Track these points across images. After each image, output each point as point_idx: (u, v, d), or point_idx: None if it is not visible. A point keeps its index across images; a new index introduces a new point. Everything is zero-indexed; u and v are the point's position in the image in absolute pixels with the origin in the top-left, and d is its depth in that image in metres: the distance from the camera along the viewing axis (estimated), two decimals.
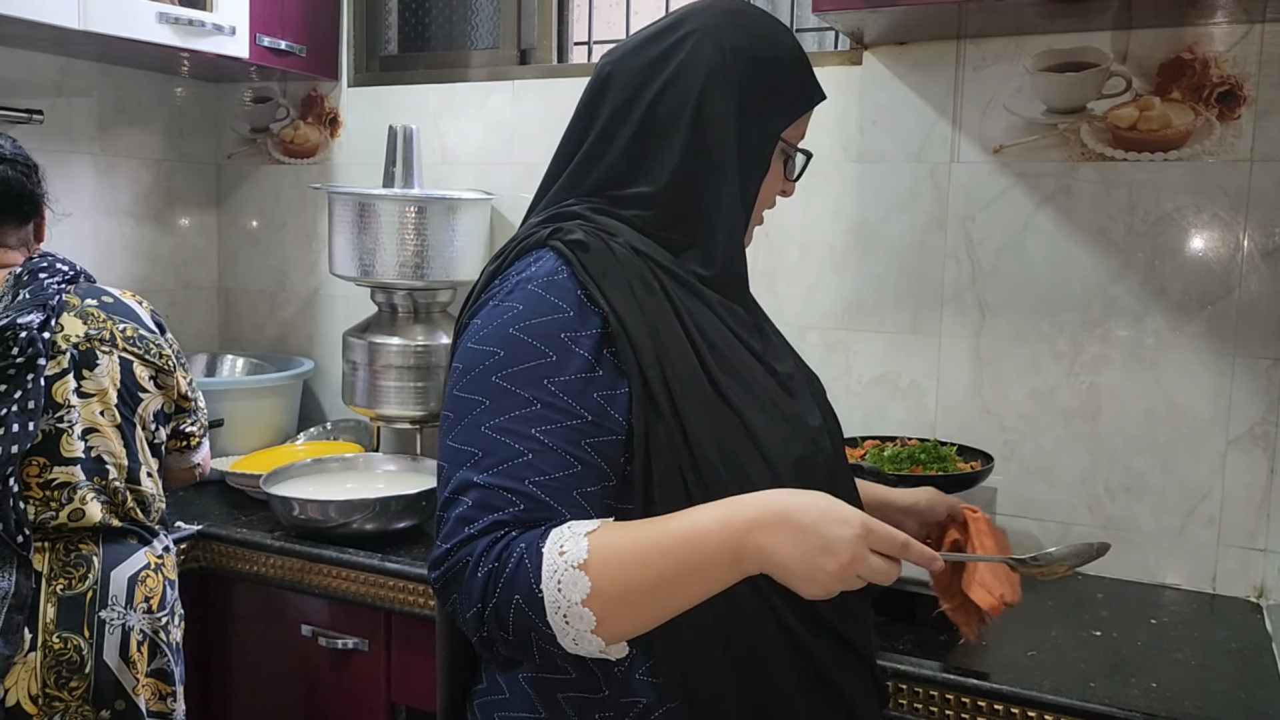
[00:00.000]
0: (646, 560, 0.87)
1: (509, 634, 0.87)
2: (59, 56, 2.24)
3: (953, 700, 1.34)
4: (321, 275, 2.52)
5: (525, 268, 1.00)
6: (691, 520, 0.89)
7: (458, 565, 0.89)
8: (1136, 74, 1.74)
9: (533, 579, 0.86)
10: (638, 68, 1.05)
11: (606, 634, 0.87)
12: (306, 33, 2.34)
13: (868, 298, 1.96)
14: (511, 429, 0.92)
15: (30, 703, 1.41)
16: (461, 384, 0.95)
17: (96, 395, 1.52)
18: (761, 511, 0.88)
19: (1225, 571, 1.72)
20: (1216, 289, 1.71)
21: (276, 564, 1.83)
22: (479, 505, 0.90)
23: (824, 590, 0.88)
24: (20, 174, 1.57)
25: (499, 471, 0.90)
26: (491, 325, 0.96)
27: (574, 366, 0.94)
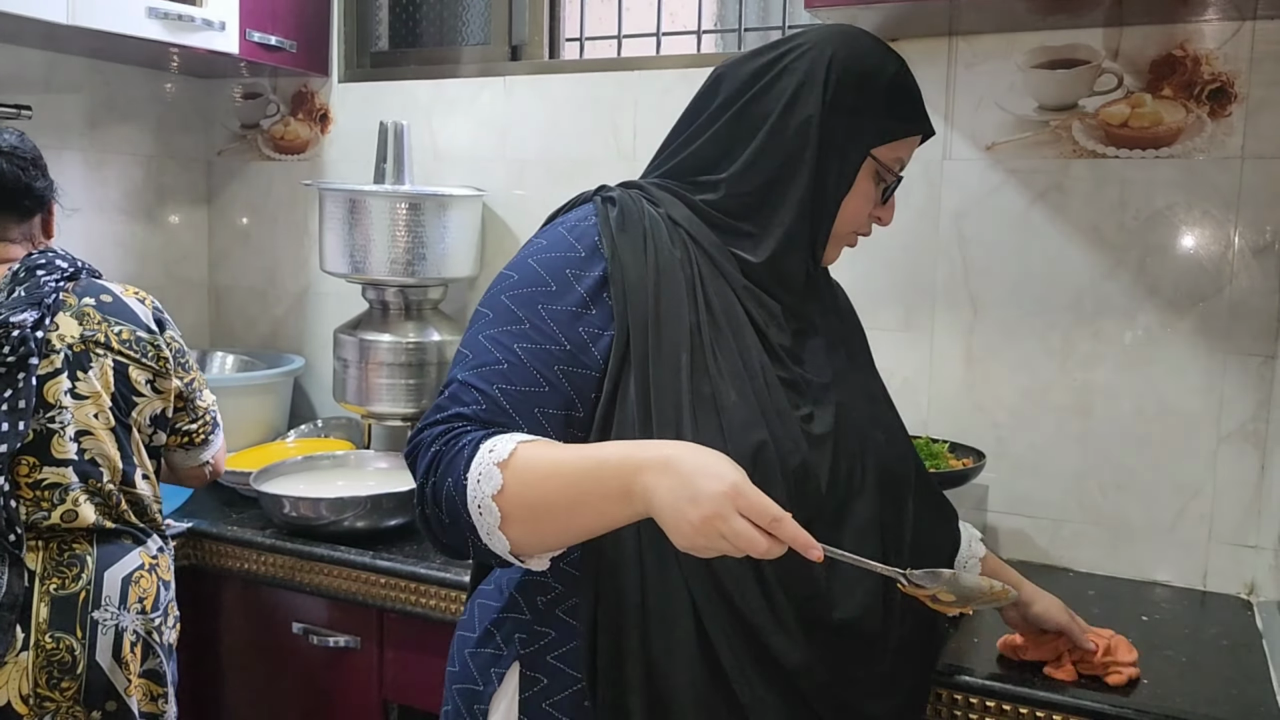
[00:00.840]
0: (554, 475, 0.93)
1: (443, 514, 0.96)
2: (48, 52, 2.23)
3: (944, 697, 1.34)
4: (312, 272, 2.51)
5: (567, 216, 1.12)
6: (598, 450, 0.94)
7: (421, 443, 0.99)
8: (1128, 71, 1.74)
9: (463, 467, 0.94)
10: (745, 73, 1.11)
11: (511, 534, 0.93)
12: (297, 28, 2.33)
13: (861, 295, 1.93)
14: (499, 340, 1.02)
15: (21, 703, 1.40)
16: (484, 299, 1.07)
17: (90, 398, 1.50)
18: (652, 454, 0.90)
19: (1216, 568, 1.73)
20: (1208, 286, 1.71)
21: (267, 562, 1.82)
22: (451, 397, 1.01)
23: (688, 541, 0.87)
24: (17, 167, 1.55)
25: (476, 373, 1.01)
26: (520, 256, 1.09)
27: (570, 299, 1.03)
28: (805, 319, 1.15)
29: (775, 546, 0.87)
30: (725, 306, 1.06)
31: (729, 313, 1.06)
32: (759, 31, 2.21)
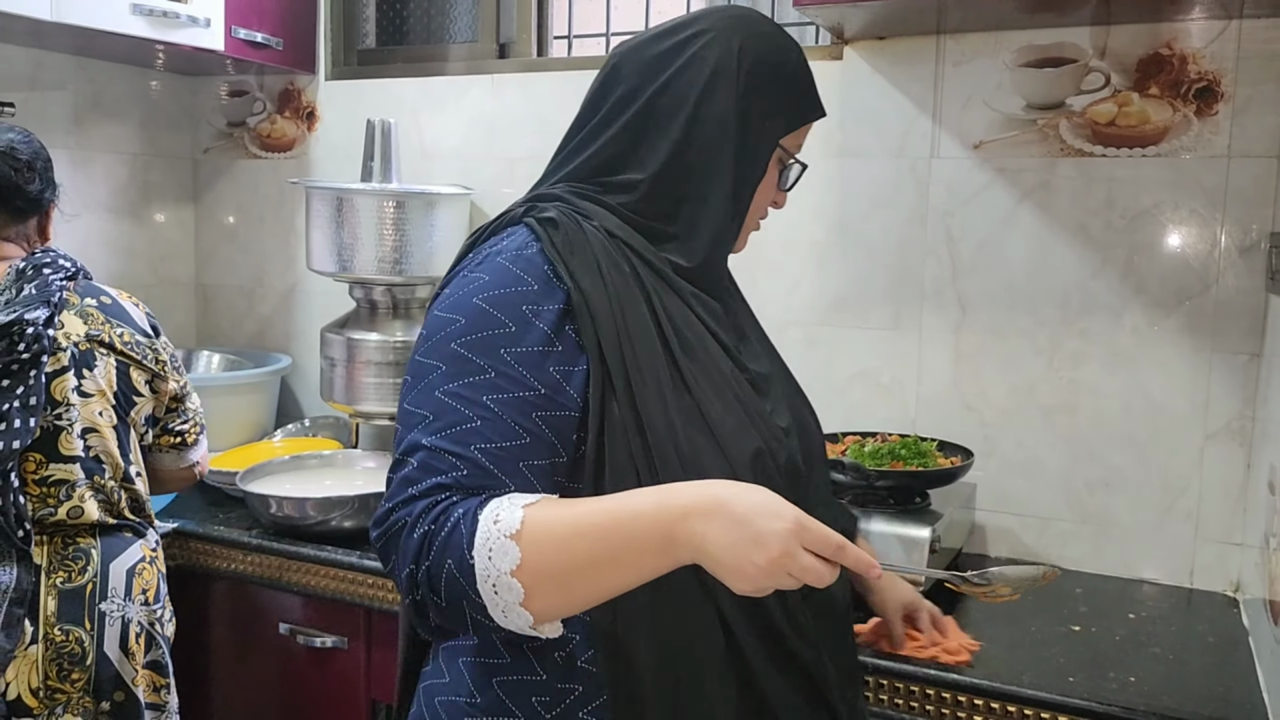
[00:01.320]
0: (578, 536, 0.86)
1: (441, 599, 0.87)
2: (32, 49, 2.21)
3: (933, 695, 1.34)
4: (299, 271, 2.50)
5: (498, 242, 1.02)
6: (627, 501, 0.88)
7: (396, 525, 0.89)
8: (1115, 70, 1.74)
9: (465, 545, 0.85)
10: (646, 60, 1.06)
11: (535, 608, 0.85)
12: (283, 25, 2.32)
13: (849, 294, 1.96)
14: (463, 395, 0.92)
15: (31, 696, 1.42)
16: (423, 349, 0.97)
17: (96, 395, 1.52)
18: (697, 498, 0.85)
19: (1202, 566, 1.73)
20: (1194, 284, 1.72)
21: (254, 562, 1.81)
22: (423, 467, 0.90)
23: (753, 585, 0.85)
24: (9, 168, 1.55)
25: (446, 435, 0.91)
26: (458, 294, 0.98)
27: (532, 339, 0.95)
28: (733, 314, 1.14)
29: (834, 572, 0.86)
30: (683, 317, 1.03)
31: (688, 322, 1.03)
32: None
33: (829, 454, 1.69)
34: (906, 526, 1.51)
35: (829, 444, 1.78)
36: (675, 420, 0.96)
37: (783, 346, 1.99)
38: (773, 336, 2.05)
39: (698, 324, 1.04)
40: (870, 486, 1.61)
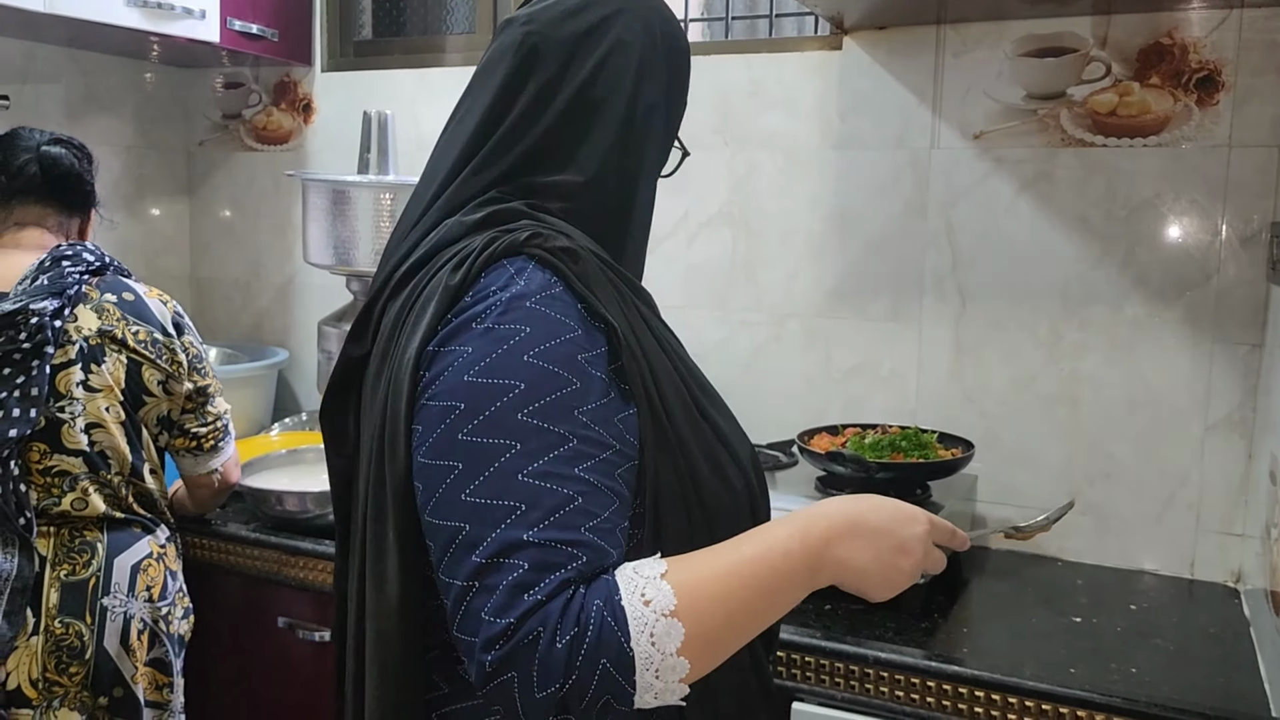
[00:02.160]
0: (731, 592, 0.81)
1: (583, 703, 0.76)
2: (25, 41, 2.20)
3: (934, 687, 1.34)
4: (296, 264, 2.49)
5: (508, 282, 0.86)
6: (766, 542, 0.84)
7: (527, 638, 0.75)
8: (1116, 59, 1.74)
9: (622, 638, 0.76)
10: (565, 39, 0.96)
11: (694, 676, 0.79)
12: (279, 17, 2.30)
13: (848, 286, 1.95)
14: (555, 472, 0.80)
15: (30, 687, 1.43)
16: (472, 426, 0.81)
17: (102, 391, 1.52)
18: (833, 522, 0.85)
19: (1203, 557, 1.73)
20: (1195, 275, 1.71)
21: (253, 556, 1.80)
22: (537, 567, 0.77)
23: (897, 590, 0.88)
24: (74, 158, 1.62)
25: (553, 524, 0.79)
26: (495, 354, 0.83)
27: (597, 392, 0.85)
28: None
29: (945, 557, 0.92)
30: (664, 334, 0.98)
31: (671, 340, 0.98)
32: (746, 20, 2.19)
33: (829, 446, 1.69)
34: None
35: (829, 435, 1.78)
36: (704, 447, 0.94)
37: (782, 338, 2.00)
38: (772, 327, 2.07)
39: (674, 339, 1.00)
40: (871, 479, 1.61)
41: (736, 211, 2.03)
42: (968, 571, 1.73)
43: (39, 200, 1.61)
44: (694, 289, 2.08)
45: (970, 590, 1.65)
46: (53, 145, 1.61)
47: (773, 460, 1.83)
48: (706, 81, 2.04)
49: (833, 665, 1.38)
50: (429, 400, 0.84)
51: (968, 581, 1.69)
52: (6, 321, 1.42)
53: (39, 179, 1.59)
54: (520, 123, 0.95)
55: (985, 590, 1.66)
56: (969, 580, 1.69)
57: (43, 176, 1.59)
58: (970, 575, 1.72)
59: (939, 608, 1.54)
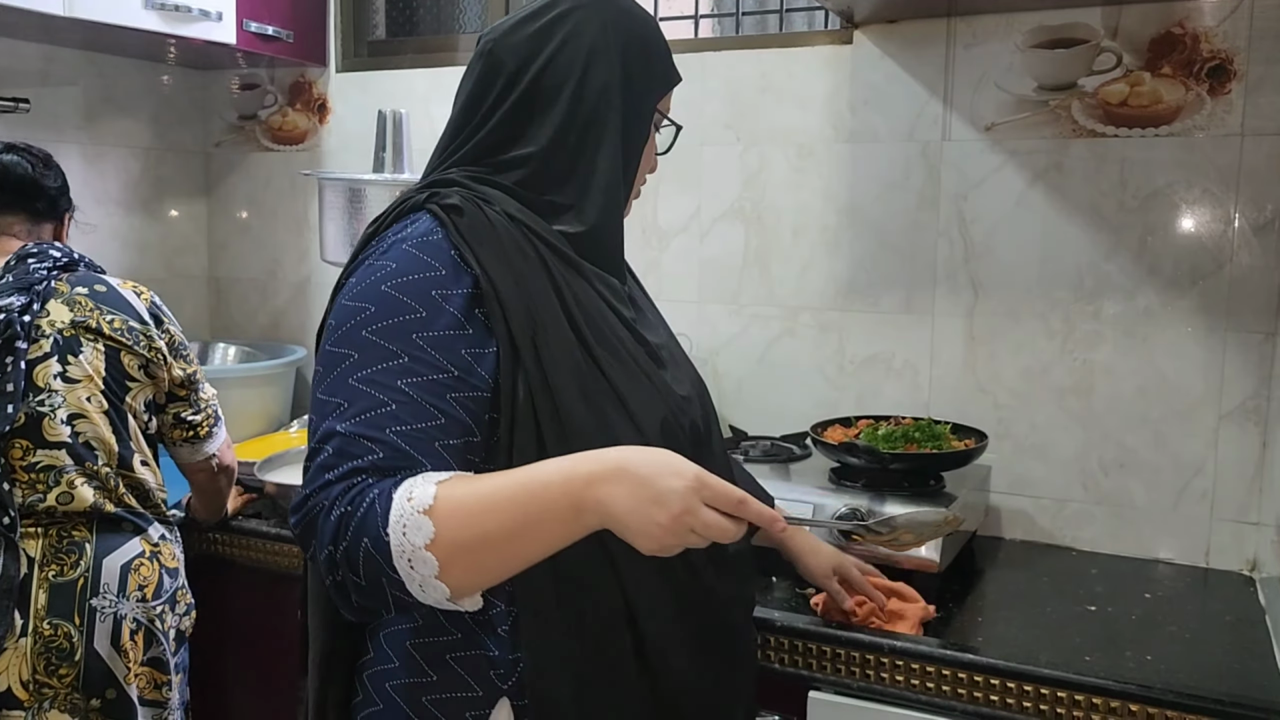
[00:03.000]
0: (489, 508, 0.88)
1: (361, 579, 0.89)
2: (44, 45, 2.22)
3: (950, 675, 1.34)
4: (313, 262, 2.51)
5: (401, 229, 1.02)
6: (534, 473, 0.90)
7: (314, 510, 0.91)
8: (1127, 50, 1.74)
9: (380, 523, 0.87)
10: (519, 42, 1.08)
11: (450, 581, 0.88)
12: (294, 18, 2.33)
13: (860, 278, 1.96)
14: (377, 380, 0.94)
15: (21, 689, 1.42)
16: (333, 339, 0.98)
17: (82, 381, 1.51)
18: (601, 465, 0.88)
19: (1218, 545, 1.73)
20: (1208, 264, 1.71)
21: (273, 551, 1.82)
22: (339, 453, 0.91)
23: (658, 544, 0.87)
24: (28, 163, 1.60)
25: (361, 421, 0.92)
26: (365, 283, 0.99)
27: (443, 322, 0.96)
28: (629, 287, 1.17)
29: (739, 528, 0.89)
30: (589, 299, 1.05)
31: (594, 304, 1.06)
32: (756, 15, 2.20)
33: (842, 438, 1.70)
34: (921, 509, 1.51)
35: (842, 427, 1.79)
36: (592, 401, 1.00)
37: (795, 331, 2.01)
38: (785, 321, 2.08)
39: (602, 305, 1.07)
40: (884, 470, 1.62)
41: (749, 206, 2.04)
42: (982, 561, 1.74)
43: (1, 209, 1.59)
44: (707, 284, 2.09)
45: (985, 580, 1.66)
46: (4, 153, 1.60)
47: (786, 452, 1.84)
48: (718, 77, 2.05)
49: (848, 654, 1.39)
50: (324, 320, 1.03)
51: (982, 571, 1.69)
52: None
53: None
54: (486, 114, 1.08)
55: (1000, 580, 1.67)
56: (983, 570, 1.70)
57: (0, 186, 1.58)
58: (984, 565, 1.72)
59: (954, 597, 1.54)
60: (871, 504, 1.53)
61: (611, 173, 1.10)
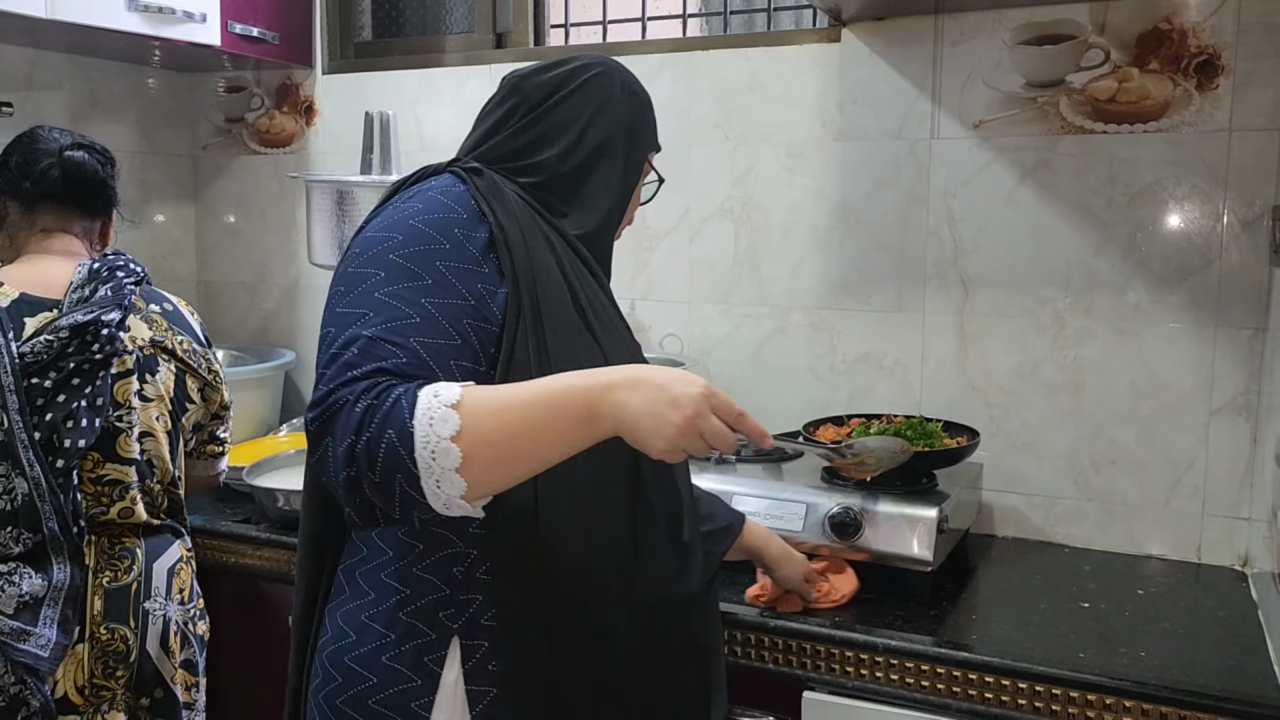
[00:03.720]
0: (511, 406, 0.94)
1: (375, 474, 0.91)
2: (28, 48, 2.21)
3: (944, 674, 1.34)
4: (301, 265, 2.50)
5: (428, 184, 1.13)
6: (555, 379, 0.97)
7: (338, 404, 0.93)
8: (1115, 45, 1.74)
9: (406, 414, 0.91)
10: (544, 82, 1.21)
11: (470, 476, 0.91)
12: (279, 20, 2.31)
13: (851, 277, 1.96)
14: (403, 295, 1.00)
15: (77, 694, 1.45)
16: (357, 263, 1.04)
17: (155, 400, 1.55)
18: (619, 374, 0.96)
19: (1210, 541, 1.73)
20: (1197, 260, 1.71)
21: (262, 556, 1.81)
22: (363, 353, 0.96)
23: (670, 444, 0.95)
24: (97, 163, 1.61)
25: (386, 327, 0.97)
26: (393, 218, 1.07)
27: (464, 256, 1.05)
28: (609, 292, 1.27)
29: (734, 440, 0.99)
30: (581, 272, 1.16)
31: (579, 270, 1.16)
32: (744, 14, 2.20)
33: (834, 437, 1.70)
34: (914, 507, 1.51)
35: (834, 426, 1.79)
36: (578, 350, 1.09)
37: (786, 330, 2.01)
38: (776, 320, 2.09)
39: (589, 275, 1.18)
40: None
41: (738, 206, 2.04)
42: (974, 559, 1.74)
43: (61, 205, 1.58)
44: (698, 283, 2.09)
45: (977, 578, 1.66)
46: (75, 150, 1.59)
47: (778, 452, 1.84)
48: (706, 77, 2.05)
49: (842, 653, 1.39)
50: (343, 260, 1.08)
51: (975, 569, 1.69)
52: (79, 331, 1.42)
53: (61, 185, 1.56)
54: (504, 131, 1.21)
55: (992, 577, 1.67)
56: (976, 568, 1.70)
57: (65, 182, 1.57)
58: (977, 563, 1.72)
59: (947, 595, 1.54)
60: (864, 503, 1.53)
61: (609, 195, 1.22)
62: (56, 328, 1.42)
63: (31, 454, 1.39)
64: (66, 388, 1.42)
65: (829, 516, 1.53)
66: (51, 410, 1.41)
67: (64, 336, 1.42)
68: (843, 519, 1.51)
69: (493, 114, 1.23)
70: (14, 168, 1.57)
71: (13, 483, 1.40)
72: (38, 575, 1.41)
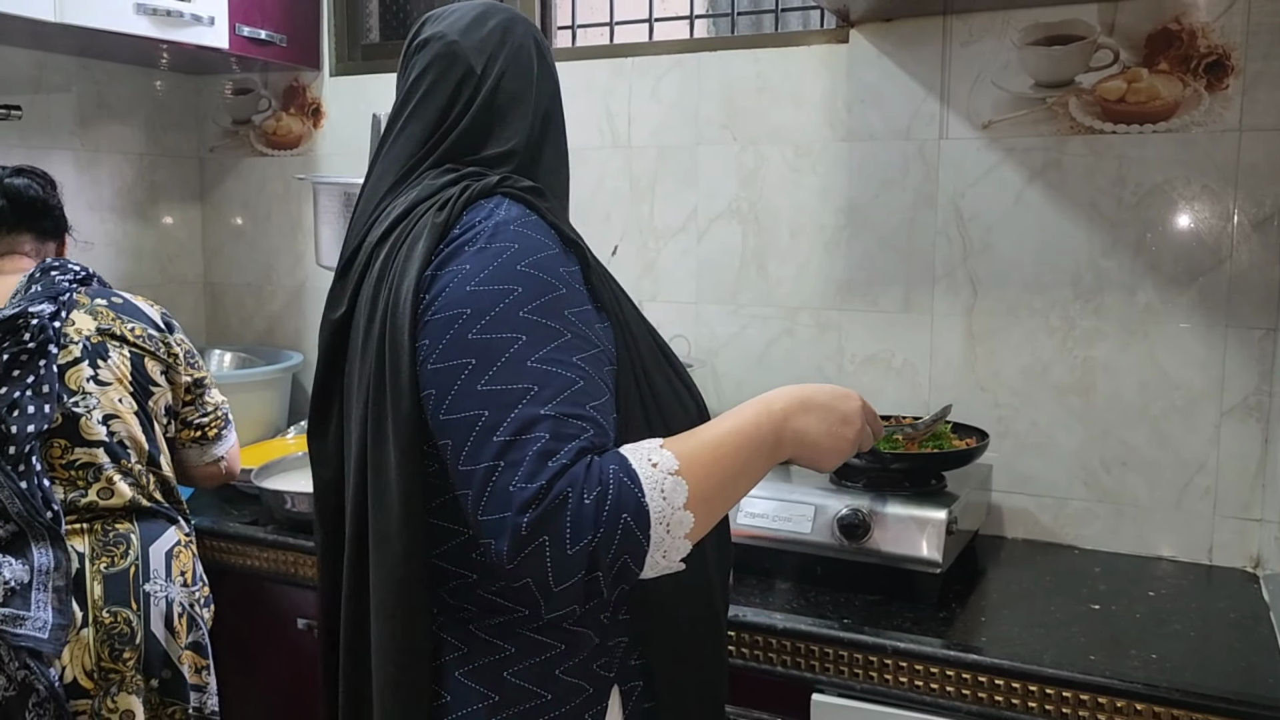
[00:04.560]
0: (717, 458, 0.92)
1: (608, 560, 0.84)
2: (36, 51, 2.21)
3: (954, 676, 1.34)
4: (308, 267, 2.50)
5: (489, 214, 0.98)
6: (739, 419, 0.97)
7: (558, 499, 0.83)
8: (1124, 46, 1.73)
9: (639, 493, 0.86)
10: (479, 42, 1.11)
11: (694, 537, 0.90)
12: (286, 22, 2.32)
13: (859, 277, 1.95)
14: (557, 359, 0.90)
15: (86, 678, 1.48)
16: (480, 326, 0.91)
17: (114, 383, 1.58)
18: (789, 400, 1.00)
19: (1221, 542, 1.73)
20: (1208, 260, 1.71)
21: (270, 558, 1.81)
22: (556, 436, 0.86)
23: (843, 457, 1.04)
24: (37, 184, 1.69)
25: (562, 401, 0.88)
26: (491, 266, 0.93)
27: (577, 297, 0.97)
28: None
29: None
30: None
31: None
32: (751, 15, 2.20)
33: None
34: (923, 509, 1.51)
35: None
36: (666, 386, 1.06)
37: (794, 331, 2.01)
38: (783, 321, 2.09)
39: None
40: (885, 469, 1.61)
41: (746, 206, 2.04)
42: (984, 561, 1.73)
43: (11, 230, 1.67)
44: (705, 284, 2.08)
45: (987, 579, 1.65)
46: (15, 177, 1.68)
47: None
48: (714, 77, 2.04)
49: (851, 656, 1.38)
50: (434, 315, 0.93)
51: (984, 571, 1.69)
52: (8, 326, 1.48)
53: (7, 210, 1.66)
54: (458, 118, 1.09)
55: (1002, 579, 1.66)
56: (985, 570, 1.69)
57: (10, 207, 1.66)
58: (986, 565, 1.72)
59: (956, 597, 1.54)
60: (873, 504, 1.52)
61: (562, 159, 1.17)
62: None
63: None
64: (6, 380, 1.47)
65: (838, 518, 1.52)
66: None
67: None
68: (851, 521, 1.51)
69: (442, 92, 1.09)
70: None
71: None
72: (19, 562, 1.44)
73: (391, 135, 1.12)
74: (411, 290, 0.95)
